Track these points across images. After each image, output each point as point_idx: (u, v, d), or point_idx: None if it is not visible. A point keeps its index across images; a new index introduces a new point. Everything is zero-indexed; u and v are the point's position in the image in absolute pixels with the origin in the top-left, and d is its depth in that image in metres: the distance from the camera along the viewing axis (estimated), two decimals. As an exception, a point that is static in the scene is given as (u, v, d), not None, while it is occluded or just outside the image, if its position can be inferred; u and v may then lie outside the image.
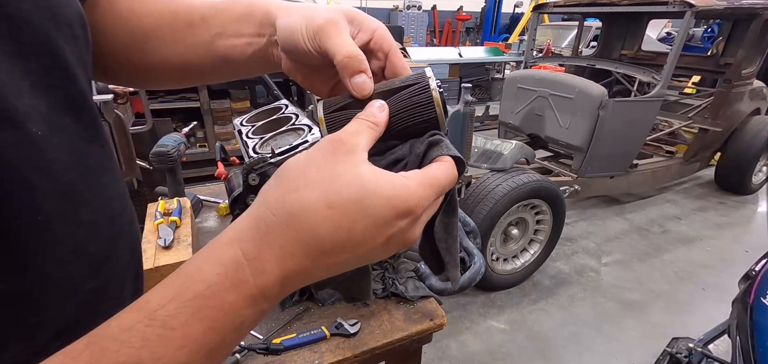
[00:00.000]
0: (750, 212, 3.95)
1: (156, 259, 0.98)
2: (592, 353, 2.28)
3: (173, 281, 0.28)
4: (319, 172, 0.30)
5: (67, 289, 0.32)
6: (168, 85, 0.54)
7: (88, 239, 0.34)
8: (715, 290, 2.78)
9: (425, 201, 0.32)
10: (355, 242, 0.30)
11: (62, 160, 0.31)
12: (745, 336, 1.27)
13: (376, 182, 0.30)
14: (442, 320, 1.01)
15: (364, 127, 0.34)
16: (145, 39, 0.46)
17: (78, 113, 0.34)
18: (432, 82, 0.38)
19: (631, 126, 3.11)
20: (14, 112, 0.26)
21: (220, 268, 0.28)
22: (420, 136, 0.38)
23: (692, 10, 2.76)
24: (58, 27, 0.33)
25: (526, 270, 2.77)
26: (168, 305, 0.27)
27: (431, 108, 0.37)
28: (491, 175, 2.51)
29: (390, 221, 0.30)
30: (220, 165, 1.45)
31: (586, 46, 6.90)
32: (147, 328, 0.26)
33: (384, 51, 0.41)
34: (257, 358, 0.88)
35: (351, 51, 0.37)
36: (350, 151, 0.31)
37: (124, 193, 0.42)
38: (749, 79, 3.75)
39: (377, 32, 0.41)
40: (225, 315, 0.28)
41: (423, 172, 0.33)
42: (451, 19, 12.09)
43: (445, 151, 0.36)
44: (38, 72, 0.30)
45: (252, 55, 0.46)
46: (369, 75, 0.37)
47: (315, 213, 0.29)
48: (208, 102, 3.73)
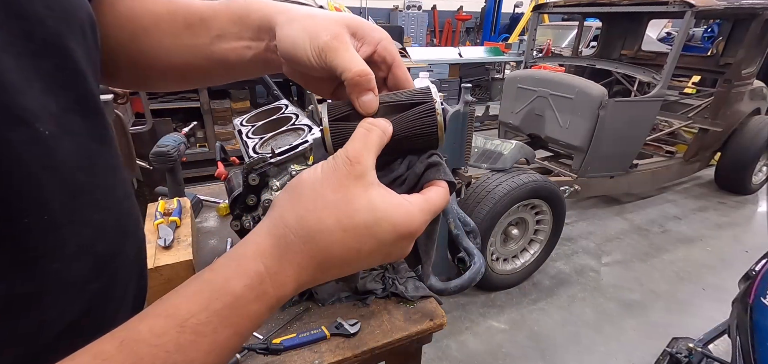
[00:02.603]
0: (750, 212, 3.95)
1: (156, 259, 0.98)
2: (592, 353, 2.28)
3: (200, 290, 0.31)
4: (335, 194, 0.33)
5: (73, 288, 0.32)
6: (168, 87, 0.54)
7: (95, 239, 0.34)
8: (715, 290, 2.78)
9: (423, 225, 0.36)
10: (361, 258, 0.34)
11: (71, 160, 0.31)
12: (745, 336, 1.27)
13: (385, 211, 0.33)
14: (442, 320, 1.00)
15: (372, 143, 0.35)
16: (145, 39, 0.46)
17: (87, 114, 0.34)
18: (437, 106, 0.39)
19: (631, 126, 3.11)
20: (24, 111, 0.26)
21: (246, 280, 0.31)
22: (418, 153, 0.41)
23: (692, 10, 2.76)
24: (71, 28, 0.33)
25: (526, 270, 2.77)
26: (199, 314, 0.29)
27: (434, 131, 0.39)
28: (491, 175, 2.51)
29: (393, 242, 0.34)
30: (220, 165, 1.45)
31: (586, 46, 6.89)
32: (180, 335, 0.28)
33: (387, 63, 0.42)
34: (257, 358, 0.88)
35: (360, 70, 0.37)
36: (362, 174, 0.34)
37: (131, 194, 0.42)
38: (749, 79, 3.75)
39: (381, 44, 0.41)
40: (249, 321, 0.32)
41: (424, 199, 0.37)
42: (451, 19, 12.09)
43: (442, 176, 0.39)
44: (49, 72, 0.30)
45: (252, 59, 0.46)
46: (376, 93, 0.38)
47: (331, 235, 0.33)
48: (208, 102, 3.73)
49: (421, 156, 0.40)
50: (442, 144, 0.40)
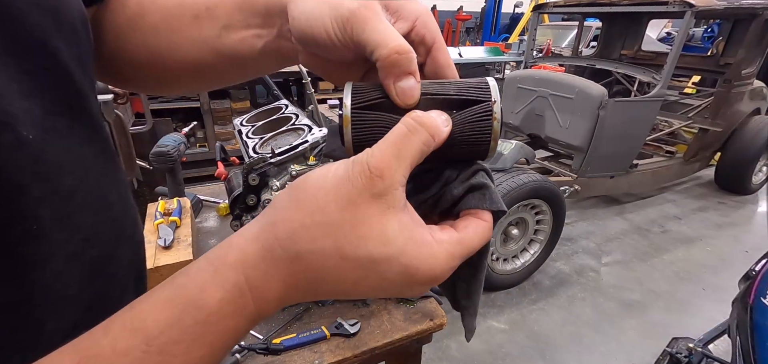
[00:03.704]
0: (750, 212, 3.95)
1: (156, 259, 0.98)
2: (592, 353, 2.28)
3: (171, 299, 0.27)
4: (341, 214, 0.27)
5: (66, 296, 0.31)
6: (184, 89, 0.50)
7: (86, 246, 0.33)
8: (715, 290, 2.78)
9: (449, 272, 0.29)
10: (359, 290, 0.29)
11: (58, 164, 0.30)
12: (745, 336, 1.27)
13: (401, 248, 0.27)
14: (442, 320, 1.00)
15: (410, 152, 0.28)
16: (155, 38, 0.44)
17: (76, 115, 0.33)
18: (496, 107, 0.30)
19: (631, 126, 3.11)
20: (4, 114, 0.25)
21: (222, 293, 0.27)
22: (459, 166, 0.32)
23: (692, 10, 2.76)
24: (59, 27, 0.31)
25: (526, 270, 2.77)
26: (168, 332, 0.26)
27: (487, 139, 0.31)
28: (491, 175, 2.51)
29: (403, 284, 0.28)
30: (220, 165, 1.45)
31: (586, 46, 6.89)
32: (145, 354, 0.25)
33: (427, 44, 0.34)
34: (257, 358, 0.88)
35: (398, 45, 0.29)
36: (383, 193, 0.27)
37: (127, 196, 0.41)
38: (749, 79, 3.75)
39: (420, 20, 0.33)
40: (225, 338, 0.28)
41: (458, 241, 0.29)
42: (451, 19, 12.07)
43: (487, 205, 0.30)
44: (33, 73, 0.28)
45: (263, 49, 0.41)
46: (417, 78, 0.31)
47: (325, 260, 0.27)
48: (208, 102, 3.73)
49: (461, 171, 0.32)
50: (493, 155, 0.32)
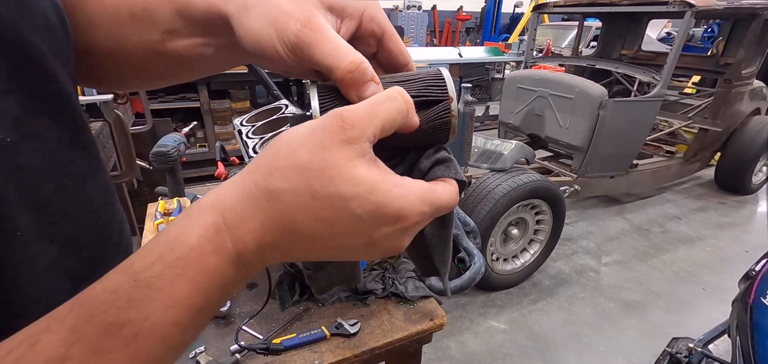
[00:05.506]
0: (750, 212, 3.95)
1: (156, 259, 0.98)
2: (592, 353, 2.28)
3: (156, 244, 0.28)
4: (311, 155, 0.27)
5: (48, 305, 0.30)
6: (132, 86, 0.48)
7: (66, 255, 0.31)
8: (715, 290, 2.78)
9: (420, 217, 0.30)
10: (333, 236, 0.29)
11: (36, 168, 0.28)
12: (745, 336, 1.27)
13: (370, 185, 0.28)
14: (442, 320, 1.01)
15: (383, 112, 0.29)
16: (91, 32, 0.40)
17: (56, 116, 0.31)
18: (453, 105, 0.33)
19: (631, 126, 3.11)
20: None
21: (200, 230, 0.27)
22: (421, 150, 0.35)
23: (692, 10, 2.76)
24: (30, 18, 0.29)
25: (526, 270, 2.77)
26: (152, 267, 0.26)
27: (447, 132, 0.35)
28: (491, 175, 2.51)
29: (374, 224, 0.29)
30: (220, 165, 1.45)
31: (586, 46, 6.90)
32: (132, 289, 0.25)
33: (376, 36, 0.35)
34: (257, 358, 0.88)
35: (349, 63, 0.30)
36: (353, 140, 0.28)
37: (114, 200, 0.39)
38: (749, 79, 3.75)
39: (366, 14, 0.34)
40: (209, 277, 0.27)
41: (428, 187, 0.31)
42: (451, 19, 12.08)
43: (452, 174, 0.34)
44: (6, 70, 0.27)
45: (215, 55, 0.39)
46: (377, 80, 0.31)
47: (297, 198, 0.27)
48: (208, 102, 3.73)
49: (425, 151, 0.35)
50: (453, 139, 0.35)
